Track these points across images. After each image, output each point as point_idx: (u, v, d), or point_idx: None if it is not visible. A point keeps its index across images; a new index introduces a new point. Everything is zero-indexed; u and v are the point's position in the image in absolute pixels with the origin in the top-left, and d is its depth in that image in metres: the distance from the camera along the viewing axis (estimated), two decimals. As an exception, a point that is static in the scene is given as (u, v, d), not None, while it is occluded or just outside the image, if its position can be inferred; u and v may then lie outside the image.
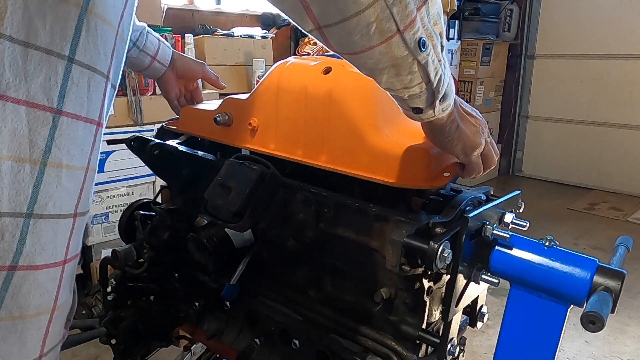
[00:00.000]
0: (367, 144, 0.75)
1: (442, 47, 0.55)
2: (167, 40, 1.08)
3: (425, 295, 0.73)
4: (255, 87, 0.91)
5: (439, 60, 0.55)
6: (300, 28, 0.52)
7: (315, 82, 0.81)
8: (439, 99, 0.58)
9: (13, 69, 0.44)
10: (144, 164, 1.04)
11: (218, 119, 0.92)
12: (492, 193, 0.83)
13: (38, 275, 0.50)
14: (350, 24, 0.48)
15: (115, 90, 0.58)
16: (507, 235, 0.67)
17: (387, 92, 0.59)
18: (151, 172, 1.09)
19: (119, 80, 0.59)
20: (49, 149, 0.48)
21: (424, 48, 0.52)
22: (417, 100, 0.58)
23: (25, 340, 0.50)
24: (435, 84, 0.56)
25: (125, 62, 0.61)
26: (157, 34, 1.07)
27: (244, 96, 0.94)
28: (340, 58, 0.56)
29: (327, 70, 0.81)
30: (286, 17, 0.52)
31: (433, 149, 0.72)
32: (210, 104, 1.05)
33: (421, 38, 0.51)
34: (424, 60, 0.53)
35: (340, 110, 0.78)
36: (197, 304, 0.97)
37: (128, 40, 0.59)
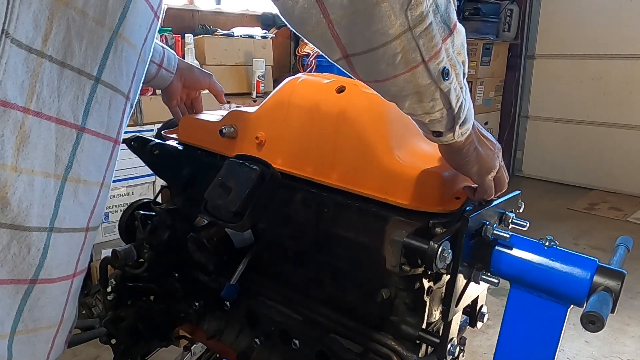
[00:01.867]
0: (380, 164, 0.76)
1: (464, 74, 0.57)
2: (167, 41, 1.08)
3: (425, 295, 0.73)
4: (264, 101, 0.91)
5: (461, 87, 0.57)
6: (327, 57, 0.53)
7: (328, 100, 0.81)
8: (459, 123, 0.59)
9: (49, 87, 0.47)
10: (144, 164, 1.04)
11: (224, 130, 0.91)
12: (492, 193, 0.83)
13: (53, 288, 0.51)
14: (377, 54, 0.49)
15: (132, 109, 0.60)
16: (507, 235, 0.67)
17: (409, 116, 0.60)
18: (151, 172, 1.09)
19: (136, 100, 0.61)
20: (70, 164, 0.50)
21: (447, 77, 0.53)
22: (438, 125, 0.59)
23: (35, 352, 0.52)
24: (456, 110, 0.57)
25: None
26: (159, 42, 1.07)
27: (250, 109, 0.94)
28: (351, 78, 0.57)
29: (341, 90, 0.81)
30: (314, 46, 0.53)
31: (445, 173, 0.73)
32: (211, 115, 1.04)
33: (445, 68, 0.52)
34: (447, 88, 0.54)
35: (354, 130, 0.78)
36: (197, 304, 0.97)
37: (148, 62, 0.61)
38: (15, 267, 0.46)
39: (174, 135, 1.06)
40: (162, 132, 1.09)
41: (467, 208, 0.73)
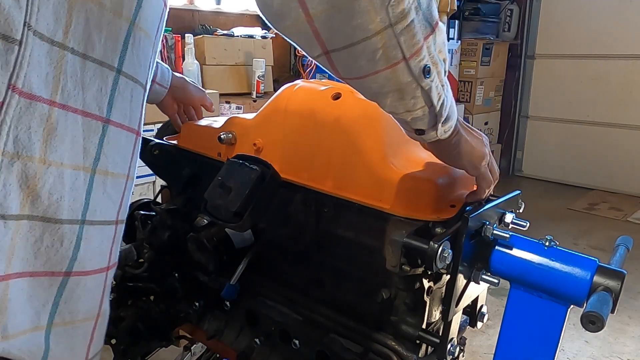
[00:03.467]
0: (375, 173, 0.75)
1: (445, 72, 0.57)
2: (167, 40, 1.07)
3: (425, 295, 0.73)
4: (262, 108, 0.91)
5: (442, 85, 0.56)
6: (307, 54, 0.53)
7: (324, 108, 0.82)
8: (441, 121, 0.59)
9: (73, 80, 0.47)
10: (144, 164, 1.04)
11: (222, 137, 0.92)
12: (492, 193, 0.83)
13: (88, 280, 0.52)
14: (357, 49, 0.49)
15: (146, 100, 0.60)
16: (507, 235, 0.67)
17: (391, 115, 0.60)
18: (151, 172, 1.09)
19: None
20: (98, 157, 0.50)
21: (428, 75, 0.53)
22: (420, 123, 0.59)
23: (74, 345, 0.52)
24: (438, 107, 0.57)
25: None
26: None
27: (249, 116, 0.94)
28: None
29: (337, 96, 0.81)
30: (293, 43, 0.53)
31: (440, 180, 0.73)
32: (212, 121, 1.05)
33: (426, 65, 0.52)
34: (428, 86, 0.54)
35: (349, 138, 0.78)
36: (197, 304, 0.97)
37: (158, 53, 0.61)
38: (49, 259, 0.47)
39: (175, 142, 1.06)
40: (164, 139, 1.09)
41: (467, 208, 0.73)
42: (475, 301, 0.83)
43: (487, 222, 0.69)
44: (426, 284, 0.73)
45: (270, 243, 0.90)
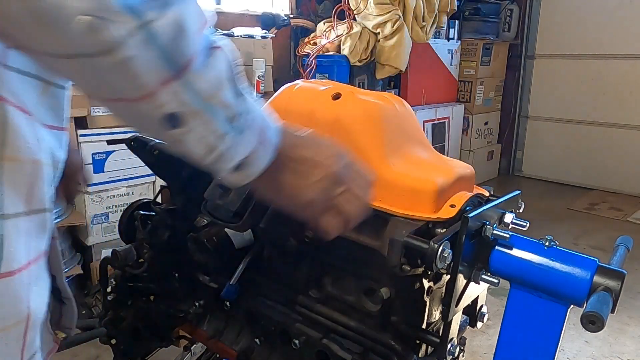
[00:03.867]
0: (375, 173, 0.75)
1: (230, 118, 0.45)
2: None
3: (425, 295, 0.73)
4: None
5: (220, 136, 0.44)
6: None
7: (323, 107, 0.82)
8: (227, 171, 0.48)
9: None
10: (144, 164, 1.04)
11: None
12: (492, 193, 0.83)
13: (15, 281, 0.46)
14: (52, 59, 0.38)
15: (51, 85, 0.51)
16: (507, 235, 0.67)
17: None
18: (151, 172, 1.09)
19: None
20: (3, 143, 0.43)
21: (177, 126, 0.42)
22: (198, 162, 0.47)
23: (8, 353, 0.47)
24: (208, 160, 0.46)
25: None
26: None
27: None
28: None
29: (337, 96, 0.81)
30: None
31: (440, 181, 0.73)
32: None
33: (174, 114, 0.41)
34: (179, 137, 0.43)
35: (348, 138, 0.78)
36: (197, 304, 0.97)
37: None
38: None
39: None
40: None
41: (467, 208, 0.73)
42: (475, 301, 0.84)
43: (487, 222, 0.69)
44: (426, 284, 0.73)
45: (270, 243, 0.90)
